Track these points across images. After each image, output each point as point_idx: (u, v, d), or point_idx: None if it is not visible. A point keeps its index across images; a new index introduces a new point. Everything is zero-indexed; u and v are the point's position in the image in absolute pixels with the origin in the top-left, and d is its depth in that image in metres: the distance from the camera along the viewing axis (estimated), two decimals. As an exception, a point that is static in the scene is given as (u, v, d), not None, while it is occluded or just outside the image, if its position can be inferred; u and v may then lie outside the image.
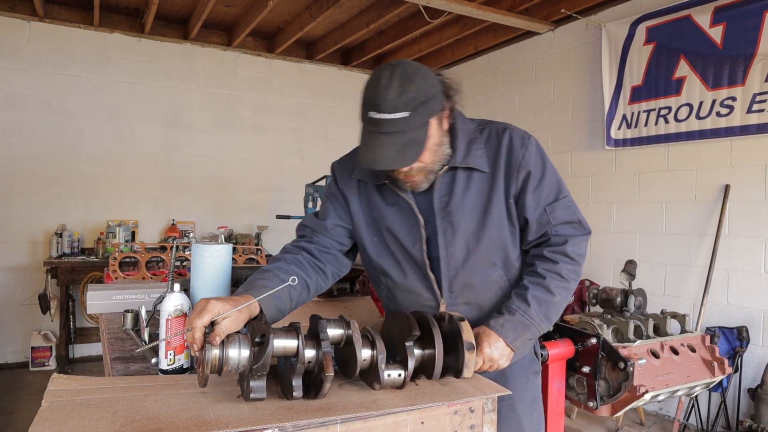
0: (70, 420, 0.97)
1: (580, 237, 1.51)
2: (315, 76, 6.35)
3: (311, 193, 4.37)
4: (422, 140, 1.33)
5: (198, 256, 1.42)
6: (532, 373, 1.66)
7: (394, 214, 1.52)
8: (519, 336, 1.43)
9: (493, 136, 1.50)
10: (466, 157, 1.46)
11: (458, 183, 1.47)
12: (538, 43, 5.20)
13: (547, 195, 1.49)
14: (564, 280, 1.47)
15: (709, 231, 3.78)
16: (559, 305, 1.48)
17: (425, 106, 1.31)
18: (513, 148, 1.46)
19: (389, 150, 1.30)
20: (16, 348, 5.01)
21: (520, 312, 1.44)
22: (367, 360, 1.23)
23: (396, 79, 1.29)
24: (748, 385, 3.49)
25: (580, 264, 1.51)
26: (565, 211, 1.50)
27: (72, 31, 5.13)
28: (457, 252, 1.49)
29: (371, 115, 1.30)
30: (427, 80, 1.33)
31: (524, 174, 1.46)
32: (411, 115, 1.29)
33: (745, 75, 3.49)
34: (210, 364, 1.09)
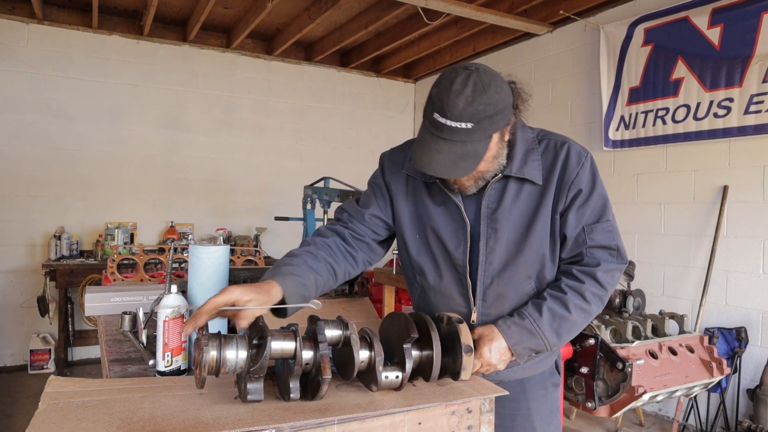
0: (67, 422, 0.97)
1: (614, 265, 1.46)
2: (314, 78, 6.35)
3: (310, 194, 4.36)
4: (480, 154, 1.31)
5: (195, 257, 1.42)
6: (551, 386, 1.62)
7: (440, 214, 1.50)
8: (522, 341, 1.40)
9: (551, 148, 1.47)
10: (521, 168, 1.44)
11: (509, 192, 1.45)
12: (537, 44, 5.21)
13: (590, 215, 1.45)
14: (585, 302, 1.42)
15: (707, 232, 3.78)
16: (573, 325, 1.43)
17: (491, 120, 1.29)
18: (569, 165, 1.44)
19: (445, 158, 1.29)
20: (14, 351, 5.00)
21: (530, 319, 1.41)
22: (365, 362, 1.23)
23: (469, 87, 1.25)
24: (747, 385, 3.49)
25: (607, 292, 1.46)
26: (605, 235, 1.45)
27: (71, 33, 5.14)
28: (495, 260, 1.47)
29: (436, 117, 1.28)
30: (499, 93, 1.30)
31: (575, 191, 1.44)
32: (474, 128, 1.26)
33: (742, 76, 3.49)
34: (207, 365, 1.09)
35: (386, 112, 6.78)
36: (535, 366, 1.57)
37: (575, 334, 1.48)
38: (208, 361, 1.09)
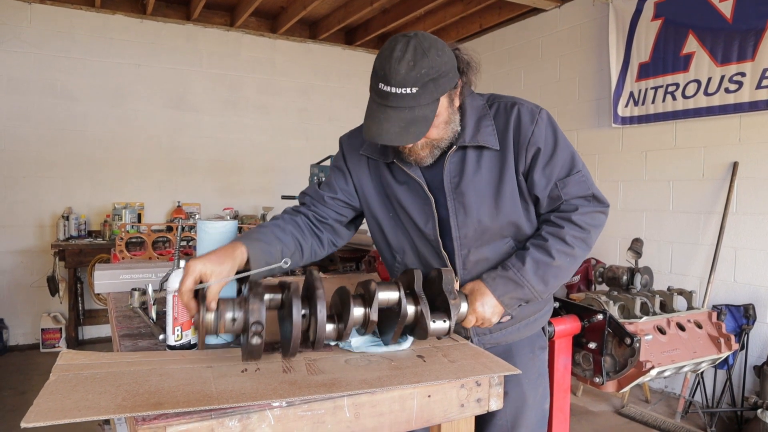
0: (75, 393, 0.98)
1: (592, 207, 1.46)
2: (319, 56, 6.30)
3: (316, 173, 4.35)
4: (429, 118, 1.30)
5: (203, 232, 1.42)
6: (538, 348, 1.66)
7: (405, 192, 1.50)
8: (507, 292, 1.42)
9: (501, 111, 1.46)
10: (475, 135, 1.43)
11: (468, 162, 1.44)
12: (545, 20, 5.13)
13: (559, 170, 1.44)
14: (567, 246, 1.42)
15: (716, 209, 3.75)
16: (559, 270, 1.44)
17: (436, 84, 1.28)
18: (522, 124, 1.42)
19: (394, 125, 1.28)
20: (26, 330, 5.06)
21: (513, 270, 1.42)
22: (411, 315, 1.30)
23: (409, 53, 1.25)
24: (754, 362, 3.49)
25: (589, 233, 1.45)
26: (578, 186, 1.45)
27: (73, 12, 5.10)
28: (470, 232, 1.48)
29: (380, 86, 1.27)
30: (441, 56, 1.29)
31: (533, 151, 1.42)
32: (419, 92, 1.26)
33: (755, 50, 3.43)
34: (204, 325, 1.14)
35: (392, 90, 6.72)
36: (527, 328, 1.61)
37: (565, 279, 1.49)
38: (206, 321, 1.14)
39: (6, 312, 4.98)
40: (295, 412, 1.03)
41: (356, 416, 1.10)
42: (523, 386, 1.60)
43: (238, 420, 0.98)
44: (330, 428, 1.07)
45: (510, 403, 1.58)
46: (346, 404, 1.08)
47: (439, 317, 1.32)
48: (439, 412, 1.20)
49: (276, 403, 1.02)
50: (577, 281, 4.46)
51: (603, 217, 1.49)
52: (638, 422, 3.58)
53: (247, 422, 0.99)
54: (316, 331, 1.19)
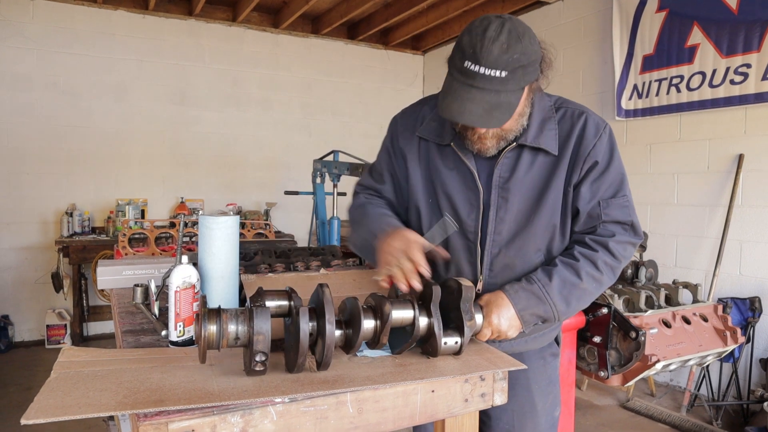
0: (75, 390, 0.98)
1: (627, 238, 1.42)
2: (321, 51, 6.28)
3: (320, 168, 4.35)
4: (513, 105, 1.26)
5: (205, 228, 1.41)
6: (550, 355, 1.61)
7: (453, 179, 1.46)
8: (529, 307, 1.36)
9: (568, 117, 1.43)
10: (537, 137, 1.40)
11: (522, 162, 1.41)
12: (548, 12, 5.10)
13: (606, 189, 1.41)
14: (597, 271, 1.38)
15: (721, 201, 3.73)
16: (583, 293, 1.39)
17: (525, 71, 1.25)
18: (585, 135, 1.40)
19: (478, 107, 1.23)
20: (31, 326, 5.08)
21: (539, 284, 1.37)
22: (423, 329, 1.25)
23: (504, 35, 1.21)
24: (760, 355, 3.48)
25: (619, 264, 1.42)
26: (620, 211, 1.41)
27: (75, 8, 5.09)
28: (504, 230, 1.43)
29: (467, 65, 1.22)
30: (533, 44, 1.26)
31: (590, 163, 1.39)
32: (509, 77, 1.22)
33: (761, 41, 3.40)
34: (206, 339, 1.08)
35: (395, 84, 6.70)
36: (538, 339, 1.57)
37: (585, 304, 1.43)
38: (208, 335, 1.08)
39: (11, 308, 5.00)
40: (298, 408, 1.03)
41: (359, 412, 1.09)
42: (532, 392, 1.57)
43: (240, 416, 0.97)
44: (333, 424, 1.06)
45: (517, 407, 1.56)
46: (349, 400, 1.08)
47: (452, 336, 1.26)
48: (443, 407, 1.19)
49: (278, 399, 1.01)
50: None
51: (633, 250, 1.46)
52: (643, 416, 3.57)
53: (249, 418, 0.98)
54: (324, 352, 1.14)
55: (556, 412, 1.62)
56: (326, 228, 4.21)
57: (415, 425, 1.17)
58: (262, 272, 1.85)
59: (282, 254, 2.11)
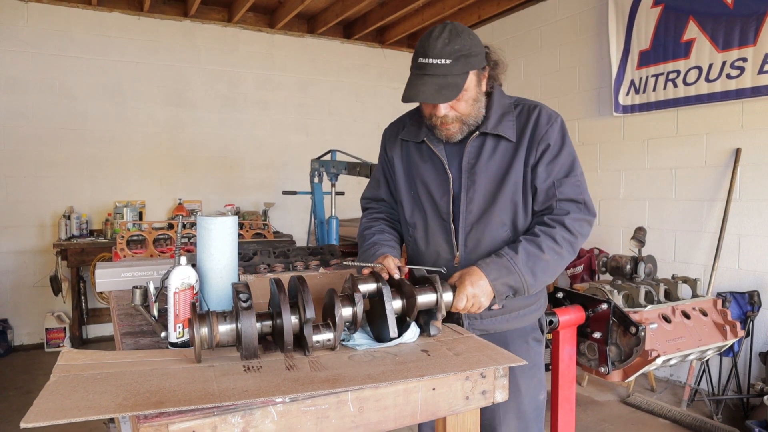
0: (75, 393, 0.97)
1: (581, 215, 1.60)
2: (317, 51, 6.27)
3: (317, 168, 4.34)
4: (459, 85, 1.50)
5: (204, 228, 1.41)
6: (533, 340, 1.74)
7: (428, 169, 1.69)
8: (500, 277, 1.50)
9: (524, 111, 1.65)
10: (497, 126, 1.62)
11: (486, 148, 1.63)
12: (543, 9, 5.10)
13: (559, 170, 1.60)
14: (556, 244, 1.55)
15: (719, 196, 3.73)
16: (547, 265, 1.54)
17: (467, 59, 1.51)
18: (539, 123, 1.61)
19: (429, 87, 1.49)
20: (30, 330, 5.07)
21: (507, 257, 1.53)
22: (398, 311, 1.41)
23: (445, 33, 1.50)
24: (760, 349, 3.48)
25: (577, 239, 1.59)
26: (573, 189, 1.60)
27: (70, 11, 5.07)
28: (474, 209, 1.63)
29: (419, 60, 1.50)
30: (472, 39, 1.53)
31: (544, 146, 1.60)
32: (452, 63, 1.48)
33: (756, 34, 3.40)
34: (200, 339, 1.15)
35: (391, 83, 6.69)
36: (518, 319, 1.70)
37: (551, 276, 1.59)
38: (201, 335, 1.16)
39: (10, 312, 4.99)
40: (299, 408, 1.02)
41: (360, 410, 1.09)
42: (515, 374, 1.67)
43: (240, 416, 0.97)
44: (334, 423, 1.06)
45: None
46: (349, 399, 1.07)
47: (425, 291, 1.40)
48: (444, 405, 1.19)
49: (279, 399, 1.01)
50: (581, 271, 4.44)
51: (589, 228, 1.63)
52: (644, 411, 3.58)
53: (250, 418, 0.98)
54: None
55: (540, 395, 1.74)
56: (325, 227, 4.20)
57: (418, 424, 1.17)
58: (261, 272, 1.85)
59: (281, 254, 2.10)
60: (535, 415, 1.72)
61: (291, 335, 1.21)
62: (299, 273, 1.79)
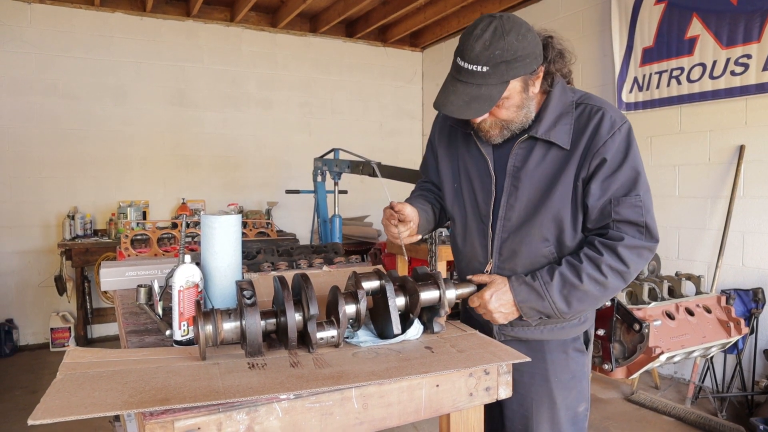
0: (81, 391, 0.98)
1: (640, 242, 1.40)
2: (320, 50, 6.27)
3: (320, 167, 4.35)
4: (494, 98, 1.35)
5: (207, 227, 1.41)
6: (573, 350, 1.59)
7: (473, 165, 1.58)
8: (528, 301, 1.42)
9: (585, 113, 1.45)
10: (549, 130, 1.44)
11: (535, 154, 1.47)
12: (546, 7, 5.09)
13: (618, 187, 1.41)
14: (600, 274, 1.39)
15: (723, 193, 3.72)
16: (585, 295, 1.41)
17: (509, 66, 1.33)
18: (599, 132, 1.41)
19: (458, 99, 1.36)
20: (36, 330, 5.09)
21: (540, 281, 1.42)
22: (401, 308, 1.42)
23: (488, 33, 1.31)
24: (764, 346, 3.47)
25: (629, 270, 1.41)
26: (632, 210, 1.40)
27: (73, 12, 5.09)
28: (514, 216, 1.50)
29: (457, 60, 1.36)
30: (521, 41, 1.33)
31: (598, 160, 1.40)
32: (489, 71, 1.32)
33: (761, 31, 3.39)
34: (205, 336, 1.16)
35: (394, 82, 6.70)
36: (555, 332, 1.56)
37: (590, 306, 1.47)
38: (206, 333, 1.17)
39: (15, 312, 5.01)
40: (303, 404, 1.03)
41: (364, 407, 1.09)
42: (551, 384, 1.57)
43: (246, 413, 0.98)
44: (338, 419, 1.07)
45: (536, 397, 1.57)
46: (354, 395, 1.08)
47: (429, 288, 1.39)
48: (448, 401, 1.20)
49: (284, 396, 1.01)
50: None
51: (649, 255, 1.44)
52: (648, 408, 3.57)
53: (255, 415, 0.98)
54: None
55: (580, 407, 1.61)
56: (328, 226, 4.21)
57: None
58: (265, 270, 1.85)
59: (285, 252, 2.11)
60: (572, 427, 1.59)
61: (295, 332, 1.22)
62: (303, 271, 1.79)
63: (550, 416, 1.57)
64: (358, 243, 5.33)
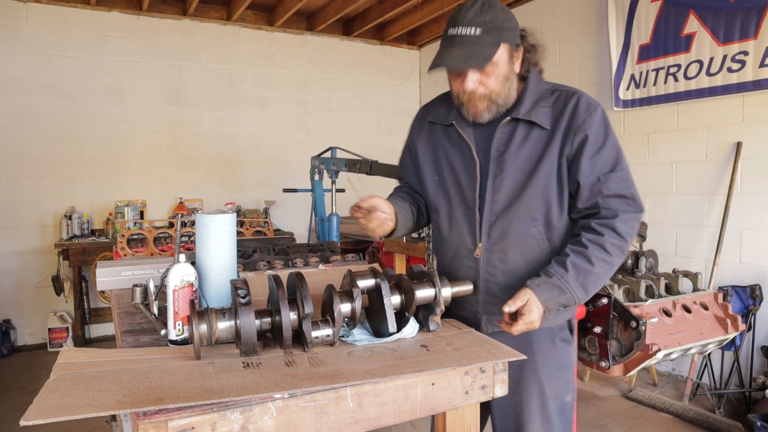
0: (75, 391, 0.98)
1: (631, 214, 1.50)
2: (317, 48, 6.26)
3: (317, 165, 4.34)
4: (488, 55, 1.44)
5: (202, 226, 1.41)
6: (560, 341, 1.64)
7: (456, 153, 1.62)
8: (552, 298, 1.44)
9: (561, 97, 1.55)
10: (530, 111, 1.52)
11: (517, 135, 1.53)
12: (543, 4, 5.09)
13: (604, 164, 1.49)
14: (606, 254, 1.46)
15: (720, 190, 3.72)
16: (598, 277, 1.47)
17: (498, 32, 1.45)
18: (578, 111, 1.51)
19: (456, 55, 1.44)
20: (33, 330, 5.08)
21: (557, 276, 1.44)
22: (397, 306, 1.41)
23: (478, 4, 1.45)
24: (762, 342, 3.48)
25: (627, 242, 1.49)
26: (620, 184, 1.49)
27: (69, 11, 5.07)
28: (501, 198, 1.54)
29: (448, 32, 1.46)
30: (506, 14, 1.47)
31: (581, 137, 1.49)
32: (482, 33, 1.43)
33: (758, 27, 3.39)
34: (199, 336, 1.16)
35: (391, 80, 6.69)
36: (543, 320, 1.55)
37: (600, 286, 1.53)
38: (200, 332, 1.17)
39: (13, 312, 5.00)
40: (298, 403, 1.03)
41: (359, 406, 1.09)
42: (540, 375, 1.60)
43: (240, 412, 0.97)
44: (333, 418, 1.06)
45: (526, 388, 1.59)
46: (348, 394, 1.08)
47: (424, 286, 1.39)
48: (444, 399, 1.19)
49: (278, 395, 1.01)
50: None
51: (638, 224, 1.53)
52: (646, 405, 3.58)
53: (249, 414, 0.98)
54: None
55: (567, 397, 1.65)
56: (325, 225, 4.20)
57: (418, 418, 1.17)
58: (260, 269, 1.85)
59: (281, 251, 2.11)
60: (560, 418, 1.63)
61: (290, 331, 1.21)
62: (299, 269, 1.79)
63: (540, 407, 1.60)
64: (355, 241, 5.32)
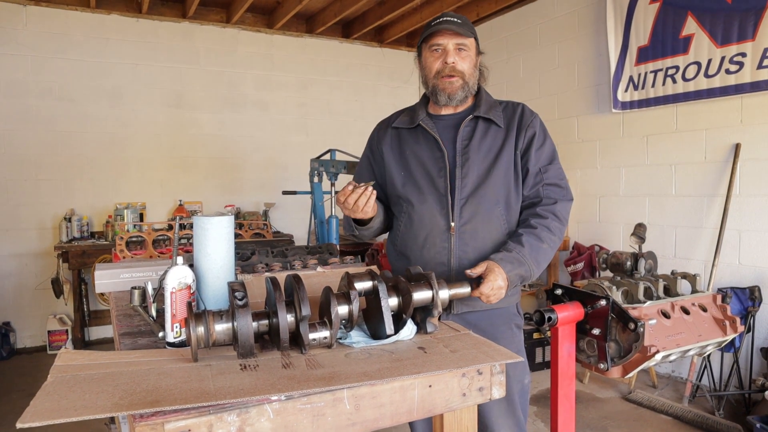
0: (72, 394, 0.98)
1: (566, 202, 1.84)
2: (316, 51, 6.27)
3: (317, 167, 4.34)
4: (472, 34, 1.82)
5: (200, 228, 1.41)
6: (515, 327, 1.91)
7: (423, 149, 1.87)
8: (513, 269, 1.67)
9: (509, 107, 1.91)
10: (487, 112, 1.85)
11: (478, 130, 1.84)
12: (541, 6, 5.10)
13: (545, 158, 1.85)
14: (551, 233, 1.77)
15: (719, 191, 3.73)
16: (546, 252, 1.75)
17: (473, 28, 1.84)
18: (524, 115, 1.88)
19: (450, 25, 1.77)
20: (33, 332, 5.08)
21: (516, 251, 1.70)
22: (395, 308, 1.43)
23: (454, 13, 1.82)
24: (761, 344, 3.48)
25: (564, 225, 1.82)
26: (556, 173, 1.85)
27: (69, 14, 5.08)
28: (469, 183, 1.80)
29: (439, 18, 1.80)
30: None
31: (531, 133, 1.84)
32: (464, 23, 1.80)
33: (755, 29, 3.39)
34: (196, 338, 1.16)
35: (391, 82, 6.70)
36: (505, 298, 1.79)
37: (547, 262, 1.80)
38: (198, 334, 1.18)
39: (12, 315, 5.00)
40: (295, 406, 1.03)
41: (356, 408, 1.09)
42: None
43: (236, 415, 0.97)
44: (330, 421, 1.06)
45: None
46: (345, 396, 1.08)
47: (421, 288, 1.41)
48: (441, 401, 1.19)
49: (275, 397, 1.01)
50: (581, 268, 4.44)
51: (570, 209, 1.88)
52: (646, 407, 3.57)
53: (246, 417, 0.98)
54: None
55: (525, 379, 1.90)
56: (325, 227, 4.21)
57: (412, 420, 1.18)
58: (259, 271, 1.85)
59: (279, 253, 2.11)
60: (521, 398, 1.88)
61: (287, 333, 1.22)
62: (297, 272, 1.79)
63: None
64: (355, 244, 5.32)
